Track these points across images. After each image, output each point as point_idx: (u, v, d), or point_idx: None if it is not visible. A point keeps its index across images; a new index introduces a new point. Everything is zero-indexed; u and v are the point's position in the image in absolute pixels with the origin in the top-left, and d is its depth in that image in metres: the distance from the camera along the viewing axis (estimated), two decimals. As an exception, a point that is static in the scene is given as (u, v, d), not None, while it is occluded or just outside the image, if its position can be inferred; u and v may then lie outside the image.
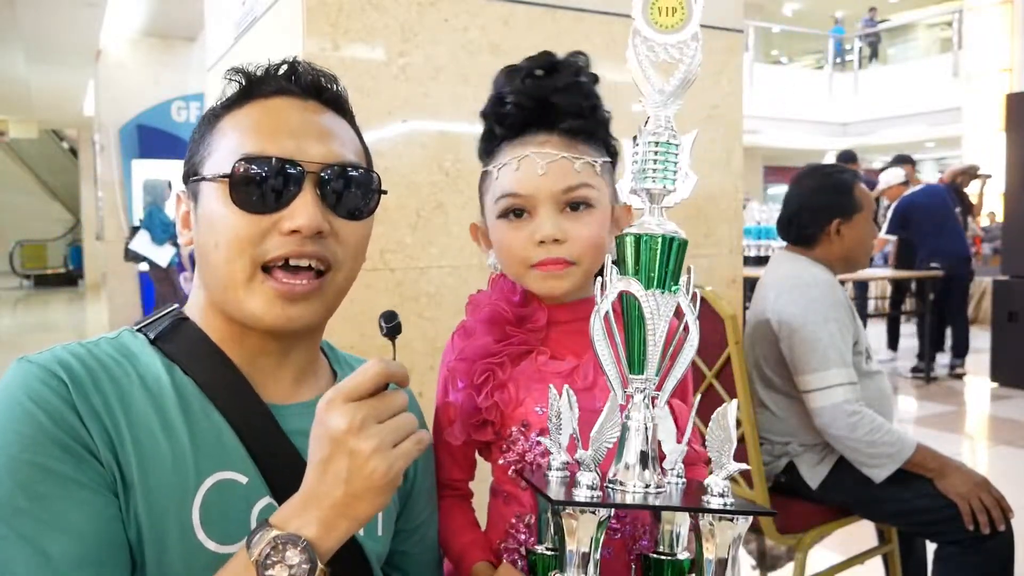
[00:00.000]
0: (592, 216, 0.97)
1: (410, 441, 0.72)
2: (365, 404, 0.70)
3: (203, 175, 0.83)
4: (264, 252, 0.79)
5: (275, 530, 0.68)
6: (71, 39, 8.07)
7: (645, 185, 0.76)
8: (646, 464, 0.75)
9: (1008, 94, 6.77)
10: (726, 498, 0.72)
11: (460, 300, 1.74)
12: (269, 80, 0.86)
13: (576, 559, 0.73)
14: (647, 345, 0.75)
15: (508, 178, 0.98)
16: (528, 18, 1.74)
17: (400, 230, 1.62)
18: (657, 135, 0.75)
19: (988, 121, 11.39)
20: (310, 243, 0.80)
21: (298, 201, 0.80)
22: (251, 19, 1.89)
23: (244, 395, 0.84)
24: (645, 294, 0.75)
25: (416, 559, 1.01)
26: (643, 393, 0.77)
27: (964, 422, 5.28)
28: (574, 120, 0.98)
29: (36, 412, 0.71)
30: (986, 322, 7.44)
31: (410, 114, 1.63)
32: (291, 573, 0.67)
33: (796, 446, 2.03)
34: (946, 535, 1.87)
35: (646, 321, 0.75)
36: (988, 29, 11.96)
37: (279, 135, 0.81)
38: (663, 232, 0.75)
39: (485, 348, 0.99)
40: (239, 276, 0.80)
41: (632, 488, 0.74)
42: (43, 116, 14.39)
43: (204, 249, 0.83)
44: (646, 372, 0.76)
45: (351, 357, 1.04)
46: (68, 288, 16.72)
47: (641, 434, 0.76)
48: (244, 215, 0.79)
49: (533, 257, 0.97)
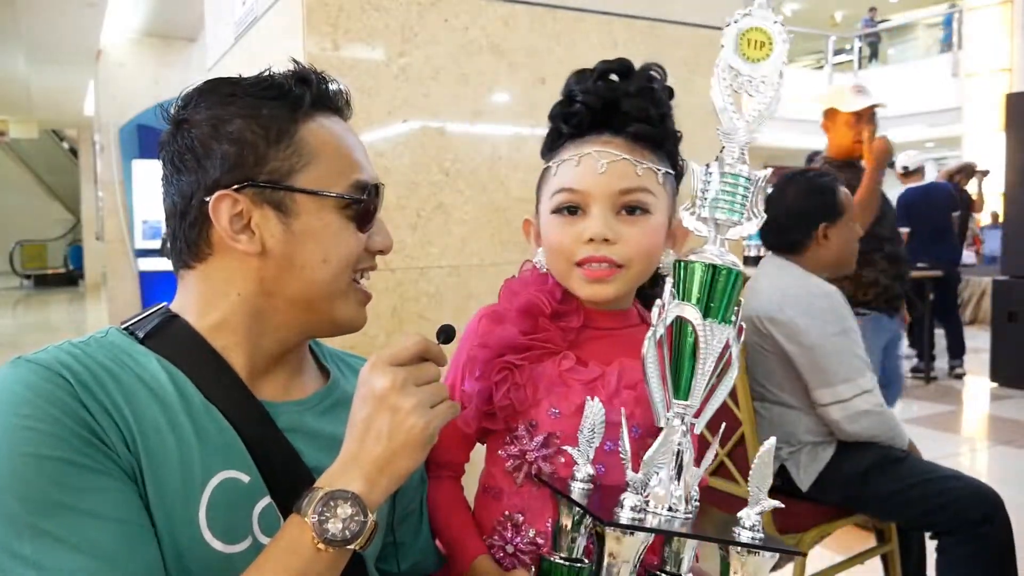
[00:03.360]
0: (647, 223, 0.95)
1: (445, 405, 0.78)
2: (405, 368, 0.76)
3: (307, 189, 0.83)
4: (359, 264, 0.89)
5: (322, 490, 0.72)
6: (71, 39, 8.07)
7: (715, 215, 0.75)
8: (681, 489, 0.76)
9: (1008, 94, 6.77)
10: (756, 532, 0.74)
11: (460, 300, 1.75)
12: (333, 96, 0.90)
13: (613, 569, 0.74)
14: (696, 373, 0.76)
15: (567, 173, 0.97)
16: (528, 18, 1.74)
17: (400, 230, 1.62)
18: (732, 167, 0.75)
19: (988, 121, 11.38)
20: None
21: (379, 222, 0.91)
22: (251, 19, 1.89)
23: (240, 393, 0.84)
24: (702, 323, 0.75)
25: (409, 548, 1.01)
26: (683, 419, 0.77)
27: (964, 422, 5.28)
28: (641, 125, 0.96)
29: (50, 409, 0.71)
30: (986, 322, 7.44)
31: (410, 114, 1.63)
32: (345, 526, 0.71)
33: (785, 452, 2.05)
34: (940, 525, 1.90)
35: (699, 350, 0.75)
36: (987, 29, 11.95)
37: (363, 161, 0.90)
38: (724, 264, 0.75)
39: (511, 341, 0.97)
40: (342, 287, 0.87)
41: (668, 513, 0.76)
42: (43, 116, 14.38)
43: (300, 263, 0.84)
44: (691, 399, 0.76)
45: (340, 352, 1.06)
46: (68, 288, 16.72)
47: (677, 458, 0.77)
48: (358, 235, 0.87)
49: (579, 253, 0.95)
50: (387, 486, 0.74)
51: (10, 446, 0.69)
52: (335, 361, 1.02)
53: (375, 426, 0.74)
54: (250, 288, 0.84)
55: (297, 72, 0.87)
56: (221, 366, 0.84)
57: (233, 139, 0.82)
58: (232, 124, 0.82)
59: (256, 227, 0.82)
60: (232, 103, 0.83)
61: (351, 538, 0.71)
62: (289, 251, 0.83)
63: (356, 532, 0.71)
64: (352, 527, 0.71)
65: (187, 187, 0.83)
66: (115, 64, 8.06)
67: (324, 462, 0.83)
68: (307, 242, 0.83)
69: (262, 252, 0.83)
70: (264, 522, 0.81)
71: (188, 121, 0.84)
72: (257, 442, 0.82)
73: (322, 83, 0.88)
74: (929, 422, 4.99)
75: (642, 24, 1.89)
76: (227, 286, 0.85)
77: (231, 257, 0.84)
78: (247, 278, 0.84)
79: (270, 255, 0.83)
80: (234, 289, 0.84)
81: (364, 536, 0.72)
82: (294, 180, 0.83)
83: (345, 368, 1.02)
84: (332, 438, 0.89)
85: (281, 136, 0.83)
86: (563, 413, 0.95)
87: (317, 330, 0.91)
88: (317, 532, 0.70)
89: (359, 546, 0.72)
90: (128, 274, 8.02)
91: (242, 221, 0.82)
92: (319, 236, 0.83)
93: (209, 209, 0.81)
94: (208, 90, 0.85)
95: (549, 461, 0.95)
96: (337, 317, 0.88)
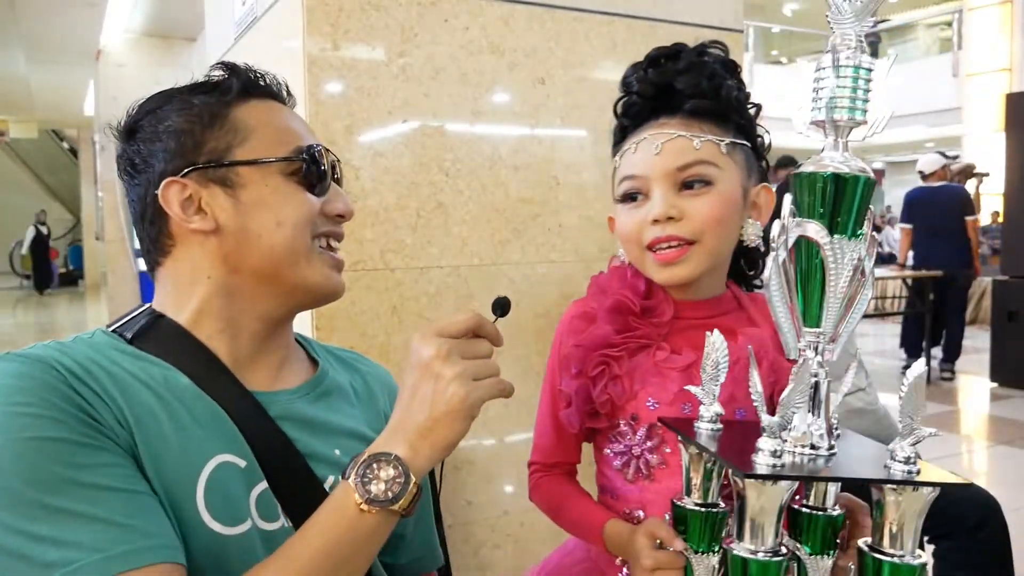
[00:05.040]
0: (711, 194, 0.95)
1: (491, 380, 0.77)
2: (453, 340, 0.77)
3: (247, 159, 0.86)
4: (316, 228, 0.89)
5: (367, 453, 0.74)
6: (71, 39, 8.08)
7: (833, 116, 0.68)
8: (822, 423, 0.69)
9: (1008, 94, 6.77)
10: (912, 465, 0.66)
11: (460, 300, 1.75)
12: (262, 82, 0.93)
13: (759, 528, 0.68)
14: (827, 297, 0.69)
15: (626, 162, 0.99)
16: (528, 18, 1.74)
17: (400, 230, 1.62)
18: (849, 57, 0.67)
19: (988, 121, 11.37)
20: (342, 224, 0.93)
21: (335, 189, 0.92)
22: (251, 19, 1.89)
23: (230, 384, 0.86)
24: (829, 240, 0.68)
25: (409, 542, 1.02)
26: (816, 348, 0.71)
27: (963, 422, 5.28)
28: (696, 100, 0.96)
29: (43, 394, 0.72)
30: (986, 322, 7.43)
31: (410, 114, 1.63)
32: (388, 487, 0.73)
33: None
34: (936, 529, 1.89)
35: (828, 271, 0.68)
36: (987, 29, 11.94)
37: (307, 132, 0.92)
38: (851, 171, 0.67)
39: (605, 338, 0.98)
40: (303, 250, 0.87)
41: (811, 451, 0.68)
42: (43, 116, 14.39)
43: (255, 232, 0.85)
44: (823, 325, 0.70)
45: (330, 346, 1.07)
46: (68, 288, 16.71)
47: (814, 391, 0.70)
48: (309, 197, 0.88)
49: (646, 236, 0.96)
50: (430, 454, 0.75)
51: (9, 434, 0.69)
52: (324, 354, 1.03)
53: (419, 393, 0.75)
54: (217, 269, 0.87)
55: (224, 65, 0.92)
56: (210, 358, 0.86)
57: (171, 132, 0.86)
58: (169, 120, 0.87)
59: (207, 206, 0.85)
60: (168, 103, 0.89)
61: (393, 499, 0.73)
62: (242, 222, 0.85)
63: (399, 493, 0.73)
64: (395, 488, 0.73)
65: (141, 189, 0.88)
66: (115, 64, 8.06)
67: (317, 448, 0.87)
68: (258, 210, 0.85)
69: (217, 229, 0.86)
70: (262, 507, 0.82)
71: (133, 131, 0.89)
72: (250, 430, 0.84)
73: (251, 72, 0.92)
74: (928, 422, 4.94)
75: (642, 24, 1.89)
76: (196, 272, 0.87)
77: (193, 243, 0.87)
78: (211, 260, 0.87)
79: (226, 230, 0.86)
80: (203, 274, 0.87)
81: (407, 498, 0.73)
82: (233, 155, 0.86)
83: (334, 360, 1.04)
84: (324, 425, 0.91)
85: (214, 119, 0.87)
86: (662, 403, 0.95)
87: (292, 300, 0.90)
88: (360, 493, 0.72)
89: (402, 508, 0.73)
90: (128, 274, 8.03)
91: (193, 204, 0.85)
92: (268, 202, 0.86)
93: (160, 200, 0.85)
94: (148, 101, 0.91)
95: (656, 452, 0.95)
96: (307, 282, 0.88)
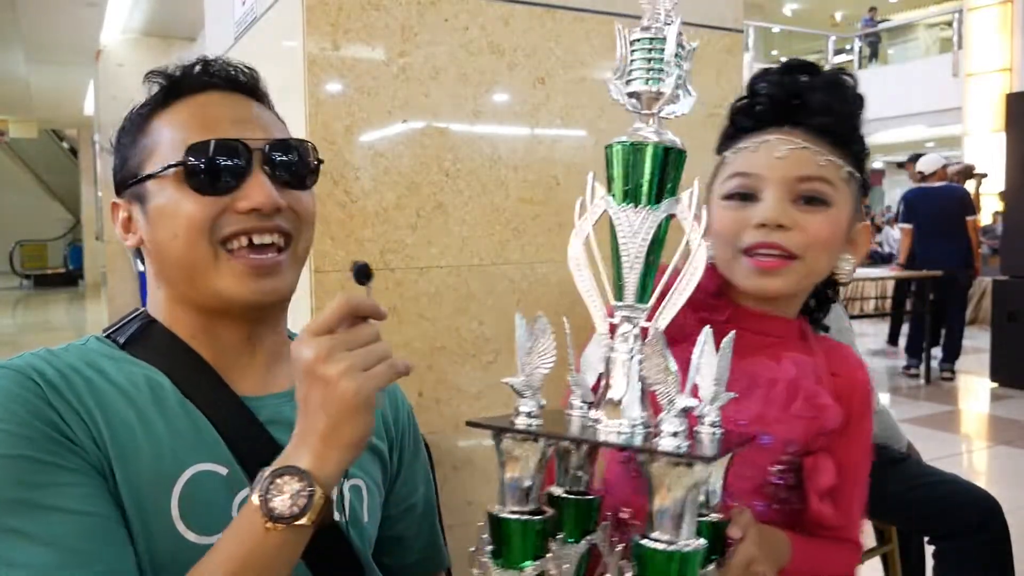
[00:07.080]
0: (826, 214, 0.90)
1: (383, 366, 0.72)
2: (331, 336, 0.72)
3: (148, 173, 0.85)
4: (220, 231, 0.82)
5: (269, 469, 0.71)
6: (71, 39, 8.08)
7: (633, 87, 0.67)
8: (635, 401, 0.65)
9: (1008, 94, 6.78)
10: (679, 440, 0.60)
11: (460, 300, 1.75)
12: (190, 78, 0.88)
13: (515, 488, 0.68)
14: (622, 266, 0.67)
15: (743, 158, 0.93)
16: (528, 18, 1.74)
17: (400, 230, 1.62)
18: (647, 28, 0.66)
19: (988, 121, 11.38)
20: (269, 219, 0.84)
21: (252, 181, 0.83)
22: (251, 19, 1.89)
23: (218, 390, 0.86)
24: (616, 209, 0.66)
25: (410, 544, 1.02)
26: (631, 323, 0.67)
27: (963, 422, 5.28)
28: (825, 118, 0.92)
29: (16, 409, 0.73)
30: (986, 322, 7.44)
31: (410, 114, 1.63)
32: (293, 502, 0.69)
33: None
34: (937, 530, 1.89)
35: (619, 239, 0.66)
36: (987, 29, 11.95)
37: (218, 124, 0.85)
38: (644, 140, 0.65)
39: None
40: (204, 259, 0.83)
41: (614, 427, 0.65)
42: (43, 116, 14.39)
43: (162, 244, 0.85)
44: (624, 298, 0.67)
45: None
46: (68, 288, 16.71)
47: (627, 368, 0.66)
48: (200, 199, 0.82)
49: (746, 239, 0.90)
50: (339, 456, 0.72)
51: None
52: None
53: (311, 401, 0.71)
54: (160, 279, 0.89)
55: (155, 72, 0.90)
56: (198, 362, 0.86)
57: (116, 151, 0.91)
58: (120, 138, 0.91)
59: (133, 223, 0.89)
60: (125, 121, 0.91)
61: (299, 513, 0.69)
62: (152, 236, 0.86)
63: (304, 507, 0.69)
64: (300, 502, 0.69)
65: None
66: (115, 64, 8.06)
67: None
68: (160, 223, 0.85)
69: (141, 243, 0.88)
70: None
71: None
72: (237, 436, 0.84)
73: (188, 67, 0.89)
74: (929, 422, 4.99)
75: (642, 24, 1.89)
76: (155, 282, 0.90)
77: (146, 256, 0.90)
78: (154, 271, 0.89)
79: (146, 245, 0.88)
80: (157, 284, 0.90)
81: (314, 511, 0.70)
82: (143, 170, 0.86)
83: None
84: None
85: (137, 136, 0.88)
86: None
87: (220, 310, 0.86)
88: (264, 510, 0.69)
89: (309, 521, 0.70)
90: (128, 274, 8.03)
91: (130, 223, 0.89)
92: (165, 212, 0.85)
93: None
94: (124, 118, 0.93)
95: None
96: (218, 290, 0.84)
